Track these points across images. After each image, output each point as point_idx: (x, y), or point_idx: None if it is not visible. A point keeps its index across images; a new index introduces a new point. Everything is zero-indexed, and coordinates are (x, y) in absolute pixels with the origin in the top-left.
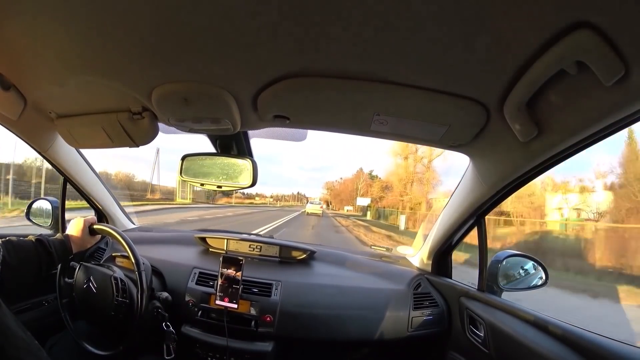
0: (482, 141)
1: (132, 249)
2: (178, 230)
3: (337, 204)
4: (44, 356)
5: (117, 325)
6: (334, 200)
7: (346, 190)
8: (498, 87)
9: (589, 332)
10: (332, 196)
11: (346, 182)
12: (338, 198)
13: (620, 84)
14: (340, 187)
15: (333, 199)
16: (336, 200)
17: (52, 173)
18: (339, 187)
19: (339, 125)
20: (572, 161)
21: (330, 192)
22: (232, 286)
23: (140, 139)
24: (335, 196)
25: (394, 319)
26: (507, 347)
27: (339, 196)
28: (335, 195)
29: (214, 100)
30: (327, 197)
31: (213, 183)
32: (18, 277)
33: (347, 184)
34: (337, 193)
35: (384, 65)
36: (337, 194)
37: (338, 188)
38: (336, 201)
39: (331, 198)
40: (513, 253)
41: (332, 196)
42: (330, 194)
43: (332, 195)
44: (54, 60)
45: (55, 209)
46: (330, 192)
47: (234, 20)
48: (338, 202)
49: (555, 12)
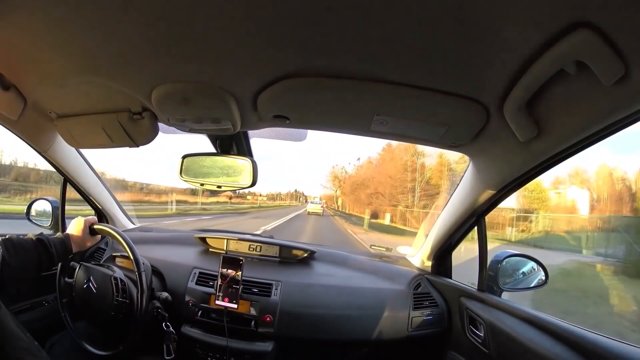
0: (482, 141)
1: (132, 249)
2: (178, 230)
3: (352, 203)
4: (44, 356)
5: (117, 325)
6: (349, 196)
7: (379, 176)
8: (498, 87)
9: (589, 332)
10: (345, 189)
11: (381, 160)
12: (355, 194)
13: (620, 84)
14: (362, 173)
15: (348, 195)
16: (352, 196)
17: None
18: (361, 173)
19: (339, 125)
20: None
21: (342, 184)
22: (232, 286)
23: (140, 139)
24: (352, 189)
25: (394, 319)
26: (507, 347)
27: (360, 189)
28: (352, 187)
29: (214, 100)
30: (330, 194)
31: (213, 183)
32: (18, 276)
33: (385, 161)
34: (354, 184)
35: (384, 65)
36: (355, 184)
37: (356, 176)
38: (352, 198)
39: (341, 193)
40: (513, 253)
41: (345, 189)
42: (342, 187)
43: (346, 187)
44: (54, 60)
45: (55, 209)
46: (342, 184)
47: (233, 20)
48: (353, 201)
49: (555, 12)
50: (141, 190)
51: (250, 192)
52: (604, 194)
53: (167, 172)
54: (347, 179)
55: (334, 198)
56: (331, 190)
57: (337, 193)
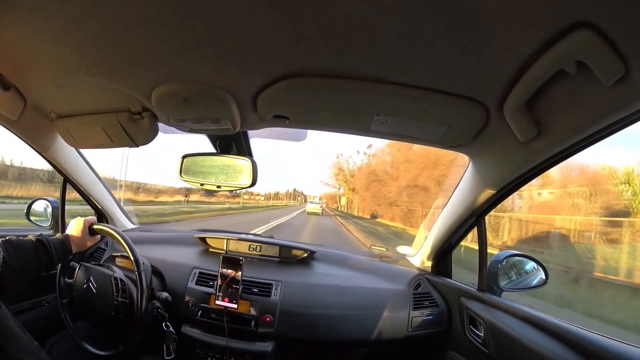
0: (482, 141)
1: (132, 249)
2: (178, 230)
3: (369, 201)
4: (44, 356)
5: (117, 325)
6: (363, 194)
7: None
8: (498, 87)
9: (589, 332)
10: (356, 184)
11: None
12: (371, 192)
13: (620, 84)
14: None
15: (361, 191)
16: (368, 194)
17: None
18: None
19: (339, 125)
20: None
21: (348, 179)
22: (232, 286)
23: (140, 139)
24: (368, 182)
25: (394, 318)
26: (507, 347)
27: (381, 184)
28: (367, 180)
29: (214, 100)
30: (332, 193)
31: (213, 183)
32: (18, 276)
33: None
34: (370, 176)
35: (384, 65)
36: (371, 177)
37: (368, 169)
38: (366, 196)
39: (348, 190)
40: (513, 253)
41: (356, 184)
42: (349, 183)
43: (356, 181)
44: (54, 60)
45: (55, 209)
46: (348, 179)
47: (233, 20)
48: (370, 198)
49: (555, 12)
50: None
51: (247, 191)
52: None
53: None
54: (357, 171)
55: (337, 197)
56: (333, 188)
57: (341, 191)
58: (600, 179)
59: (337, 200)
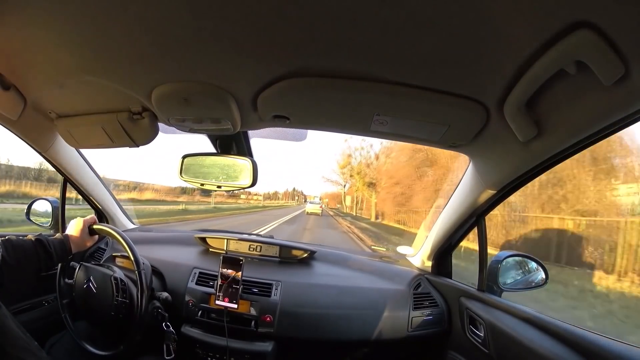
0: (482, 141)
1: (132, 249)
2: (178, 230)
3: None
4: (43, 356)
5: (117, 325)
6: (391, 190)
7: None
8: (498, 87)
9: (589, 332)
10: (377, 176)
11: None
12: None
13: (620, 84)
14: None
15: (384, 187)
16: (392, 194)
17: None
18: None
19: (339, 125)
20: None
21: (360, 171)
22: (232, 286)
23: (140, 139)
24: (396, 178)
25: (394, 318)
26: (507, 347)
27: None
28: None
29: (214, 100)
30: (335, 192)
31: (213, 183)
32: (17, 276)
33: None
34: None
35: (383, 65)
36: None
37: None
38: (390, 196)
39: (362, 185)
40: (513, 253)
41: (377, 176)
42: (363, 176)
43: (377, 173)
44: (54, 60)
45: (55, 209)
46: (360, 171)
47: (233, 20)
48: (393, 199)
49: (555, 12)
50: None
51: (245, 192)
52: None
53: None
54: (379, 156)
55: (341, 195)
56: (336, 185)
57: (346, 189)
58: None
59: (341, 199)
